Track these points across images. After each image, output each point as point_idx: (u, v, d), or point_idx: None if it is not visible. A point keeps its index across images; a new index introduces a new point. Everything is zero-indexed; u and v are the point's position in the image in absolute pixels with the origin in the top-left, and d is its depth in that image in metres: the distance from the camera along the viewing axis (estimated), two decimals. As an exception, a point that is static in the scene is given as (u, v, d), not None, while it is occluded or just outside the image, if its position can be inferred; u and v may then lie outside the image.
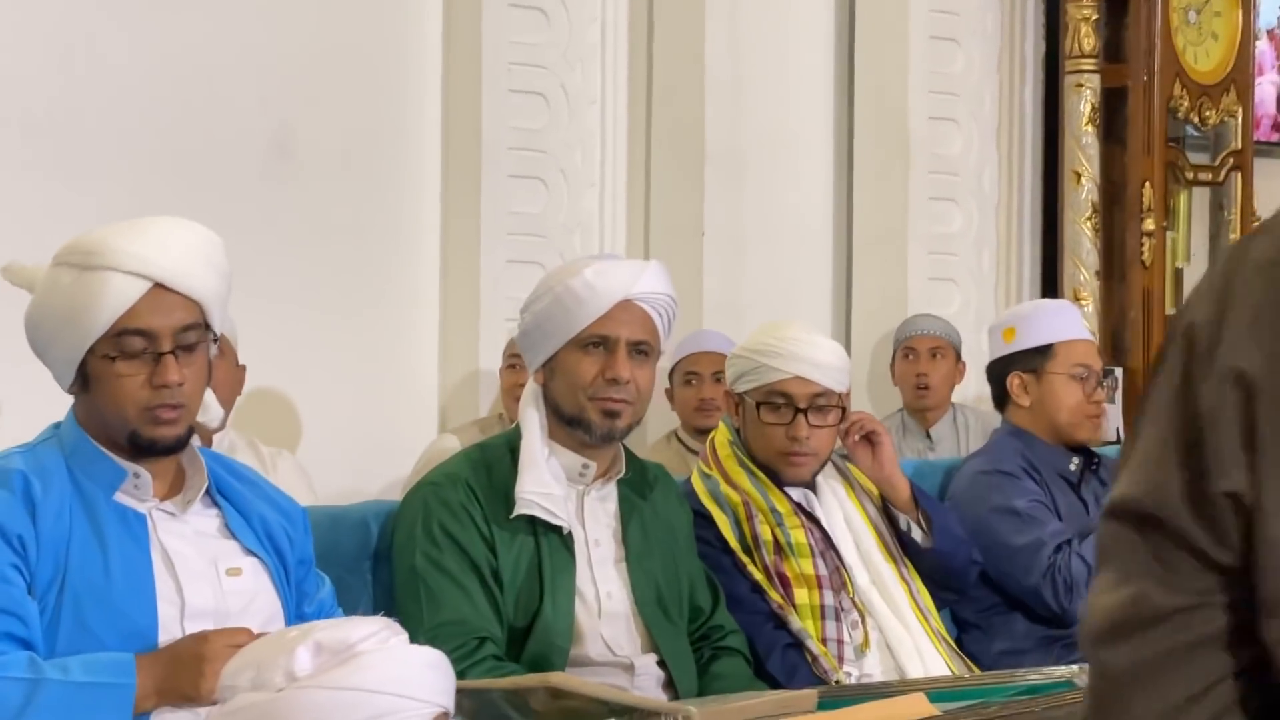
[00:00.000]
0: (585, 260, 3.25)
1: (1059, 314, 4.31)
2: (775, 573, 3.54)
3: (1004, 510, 4.01)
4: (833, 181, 6.20)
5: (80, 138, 4.92)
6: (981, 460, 4.15)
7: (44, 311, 2.64)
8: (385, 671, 2.02)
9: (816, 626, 3.51)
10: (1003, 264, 6.35)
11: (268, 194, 5.19)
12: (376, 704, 2.00)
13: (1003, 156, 6.35)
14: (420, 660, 2.08)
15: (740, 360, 3.73)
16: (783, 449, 3.63)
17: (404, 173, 5.49)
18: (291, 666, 2.02)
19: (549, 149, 5.62)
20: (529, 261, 5.54)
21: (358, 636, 2.04)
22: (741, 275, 5.93)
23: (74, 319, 2.60)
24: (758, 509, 3.60)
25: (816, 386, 3.63)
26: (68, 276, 2.60)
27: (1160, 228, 6.20)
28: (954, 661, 3.65)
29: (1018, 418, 4.20)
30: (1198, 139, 6.65)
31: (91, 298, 2.59)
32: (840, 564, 3.63)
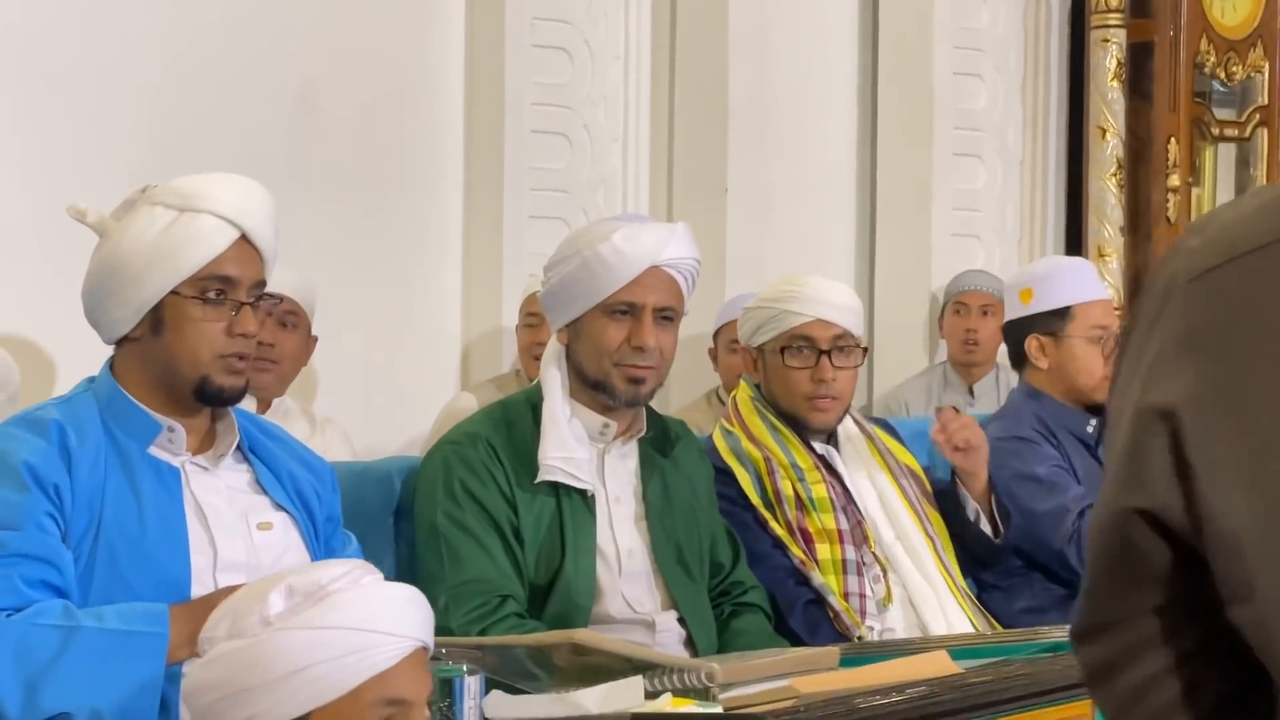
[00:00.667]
0: (613, 223, 3.22)
1: (1077, 274, 4.26)
2: (797, 528, 3.55)
3: (1025, 477, 4.00)
4: (856, 137, 6.19)
5: (104, 94, 4.92)
6: (999, 426, 4.13)
7: (131, 249, 2.61)
8: (358, 609, 2.03)
9: (839, 581, 3.52)
10: (1027, 220, 6.34)
11: (291, 150, 5.19)
12: (350, 641, 2.01)
13: (1028, 112, 6.33)
14: (395, 596, 2.08)
15: (757, 312, 3.73)
16: (808, 393, 3.63)
17: (427, 129, 5.48)
18: (266, 611, 2.04)
19: (572, 104, 5.62)
20: (552, 217, 5.54)
21: (329, 577, 2.05)
22: (765, 231, 5.92)
23: (166, 257, 2.60)
24: (779, 464, 3.60)
25: (837, 328, 3.64)
26: (165, 217, 2.61)
27: (1185, 184, 6.18)
28: (977, 618, 3.66)
29: (1035, 379, 4.18)
30: (1224, 94, 6.62)
31: (186, 239, 2.60)
32: (861, 518, 3.63)
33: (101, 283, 2.65)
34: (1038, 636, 2.93)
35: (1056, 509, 3.95)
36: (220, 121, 5.07)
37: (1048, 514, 3.95)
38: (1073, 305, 4.15)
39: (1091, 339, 4.13)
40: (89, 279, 2.67)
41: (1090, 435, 4.15)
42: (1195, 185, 6.34)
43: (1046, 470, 4.01)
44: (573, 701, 2.26)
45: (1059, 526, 3.94)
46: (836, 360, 3.63)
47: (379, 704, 2.02)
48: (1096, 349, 4.13)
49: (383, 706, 2.03)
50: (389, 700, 2.03)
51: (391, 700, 2.03)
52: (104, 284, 2.65)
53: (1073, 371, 4.13)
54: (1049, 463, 4.03)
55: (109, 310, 2.66)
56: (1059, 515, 3.94)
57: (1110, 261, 6.01)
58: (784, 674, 2.46)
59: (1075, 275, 4.24)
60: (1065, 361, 4.14)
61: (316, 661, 2.00)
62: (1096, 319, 4.15)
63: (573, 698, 2.27)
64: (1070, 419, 4.14)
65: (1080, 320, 4.14)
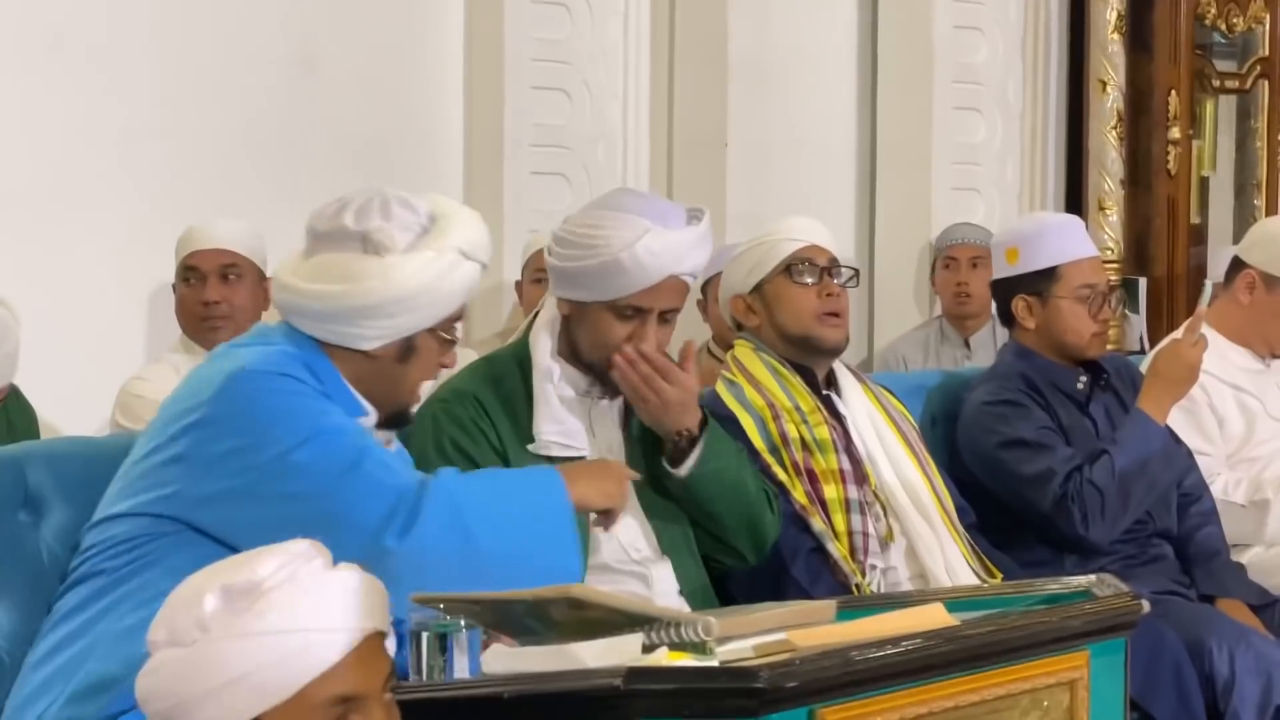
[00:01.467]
0: (639, 225, 3.17)
1: (1062, 232, 4.18)
2: (804, 469, 3.58)
3: (1012, 442, 4.00)
4: (856, 91, 6.18)
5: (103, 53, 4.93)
6: (986, 390, 4.12)
7: (416, 285, 2.75)
8: (295, 608, 1.96)
9: (844, 520, 3.56)
10: (1027, 174, 6.34)
11: (290, 108, 5.20)
12: (288, 643, 1.95)
13: (1027, 65, 6.32)
14: (336, 587, 2.00)
15: (748, 255, 3.79)
16: (817, 309, 3.71)
17: (426, 86, 5.49)
18: (201, 616, 1.97)
19: (572, 60, 5.62)
20: (553, 173, 5.56)
21: (264, 573, 1.98)
22: (765, 186, 5.92)
23: (441, 301, 2.79)
24: (783, 409, 3.64)
25: (829, 253, 3.76)
26: (450, 261, 2.77)
27: (1186, 136, 6.18)
28: (973, 558, 3.70)
29: (1024, 338, 4.17)
30: (1225, 46, 6.61)
31: (460, 286, 2.81)
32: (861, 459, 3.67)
33: (369, 301, 2.74)
34: (1033, 589, 2.94)
35: (1044, 472, 3.94)
36: (220, 81, 5.08)
37: (1034, 477, 3.95)
38: (1059, 265, 4.11)
39: (1079, 298, 4.10)
40: (353, 289, 2.74)
41: (1080, 392, 4.14)
42: (1196, 137, 6.34)
43: (1034, 433, 4.00)
44: (570, 654, 2.28)
45: (1045, 489, 3.94)
46: (837, 279, 3.74)
47: (328, 704, 1.97)
48: (1084, 308, 4.10)
49: (332, 706, 1.97)
50: (337, 698, 1.97)
51: (340, 698, 1.98)
52: (374, 303, 2.75)
53: (1060, 331, 4.11)
54: (1037, 425, 4.02)
55: (365, 325, 2.76)
56: (1045, 478, 3.94)
57: (1110, 214, 6.01)
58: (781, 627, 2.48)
59: (1061, 234, 4.17)
60: (1053, 321, 4.12)
61: (255, 668, 1.94)
62: (1084, 278, 4.11)
63: (570, 651, 2.28)
64: (1060, 376, 4.13)
65: (1067, 280, 4.10)
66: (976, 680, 2.47)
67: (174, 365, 4.47)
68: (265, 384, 2.70)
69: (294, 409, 2.70)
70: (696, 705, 2.23)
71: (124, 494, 2.77)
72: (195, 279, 4.51)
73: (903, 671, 2.39)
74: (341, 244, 2.76)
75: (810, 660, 2.30)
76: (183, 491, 2.69)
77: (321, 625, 1.96)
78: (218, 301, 4.47)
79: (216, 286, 4.49)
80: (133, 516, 2.73)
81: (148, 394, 4.37)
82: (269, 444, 2.67)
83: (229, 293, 4.50)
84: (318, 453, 2.67)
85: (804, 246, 3.73)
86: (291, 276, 2.81)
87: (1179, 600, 4.00)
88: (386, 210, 2.75)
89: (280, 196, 5.05)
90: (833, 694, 2.30)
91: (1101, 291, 4.14)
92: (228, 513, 2.67)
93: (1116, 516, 3.94)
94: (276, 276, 2.88)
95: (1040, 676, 2.56)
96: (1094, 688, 2.63)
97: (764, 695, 2.23)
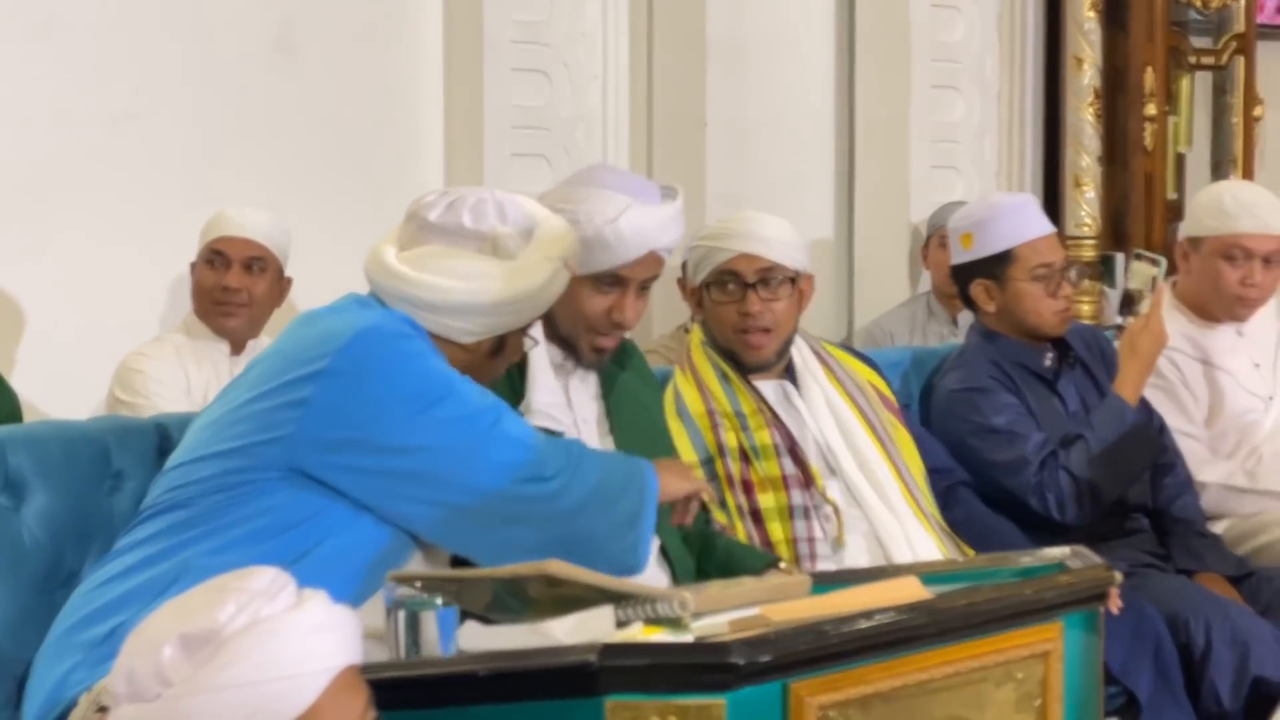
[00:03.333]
0: (620, 200, 3.19)
1: (1014, 214, 4.16)
2: (739, 480, 3.57)
3: (982, 429, 4.02)
4: (834, 70, 6.19)
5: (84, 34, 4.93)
6: (955, 377, 4.13)
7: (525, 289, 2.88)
8: (260, 655, 1.85)
9: (785, 528, 3.54)
10: (1005, 151, 6.35)
11: (270, 90, 5.20)
12: (257, 694, 1.84)
13: (1004, 43, 6.33)
14: (302, 626, 1.89)
15: (696, 251, 3.75)
16: (737, 326, 3.66)
17: (406, 67, 5.49)
18: (161, 669, 1.86)
19: (551, 42, 5.62)
20: (533, 155, 5.57)
21: (224, 619, 1.86)
22: (744, 166, 5.93)
23: (540, 305, 2.95)
24: (723, 415, 3.62)
25: (764, 261, 3.65)
26: (555, 269, 2.92)
27: (1162, 112, 6.19)
28: (945, 543, 3.69)
29: (987, 320, 4.19)
30: (1200, 22, 6.63)
31: (558, 290, 2.96)
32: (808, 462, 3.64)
33: (486, 300, 2.86)
34: (1008, 562, 2.96)
35: (1016, 460, 3.97)
36: (198, 66, 5.09)
37: (1006, 465, 3.98)
38: (1013, 247, 4.11)
39: (1036, 278, 4.11)
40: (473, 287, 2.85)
41: (1048, 369, 4.16)
42: (1172, 114, 6.35)
43: (1005, 420, 4.02)
44: (544, 631, 2.30)
45: (1019, 477, 3.97)
46: (763, 293, 3.65)
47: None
48: (1041, 287, 4.11)
49: None
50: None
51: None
52: (488, 303, 2.85)
53: (1021, 313, 4.13)
54: (1007, 411, 4.04)
55: (473, 321, 2.87)
56: (1019, 466, 3.97)
57: (1088, 191, 6.03)
58: (756, 602, 2.50)
59: (1013, 216, 4.15)
60: (1012, 304, 4.13)
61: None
62: (1039, 258, 4.11)
63: (544, 628, 2.30)
64: (1027, 355, 4.15)
65: (1022, 262, 4.11)
66: (950, 652, 2.49)
67: (175, 345, 4.52)
68: (399, 344, 2.77)
69: (429, 368, 2.78)
70: (671, 681, 2.24)
71: (218, 438, 2.78)
72: (220, 263, 4.57)
73: (876, 644, 2.40)
74: (457, 240, 2.86)
75: (784, 634, 2.32)
76: (300, 434, 2.71)
77: (291, 671, 1.86)
78: (239, 289, 4.54)
79: (240, 274, 4.56)
80: (227, 455, 2.75)
81: (148, 369, 4.42)
82: (406, 399, 2.72)
83: (251, 282, 4.57)
84: (455, 409, 2.75)
85: (732, 257, 3.65)
86: (396, 263, 2.88)
87: (1155, 573, 4.02)
88: (503, 213, 2.87)
89: (261, 180, 5.07)
90: (806, 668, 2.32)
91: (1059, 269, 4.14)
92: (350, 460, 2.71)
93: (1091, 502, 3.97)
94: (377, 260, 2.93)
95: (1014, 649, 2.58)
96: (1067, 659, 2.66)
97: (738, 670, 2.24)
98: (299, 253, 4.74)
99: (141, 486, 2.99)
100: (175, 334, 4.60)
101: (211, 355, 4.51)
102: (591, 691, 2.24)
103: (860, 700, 2.38)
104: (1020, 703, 2.58)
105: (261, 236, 4.59)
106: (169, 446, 3.02)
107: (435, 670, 2.35)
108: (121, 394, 4.40)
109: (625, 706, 2.24)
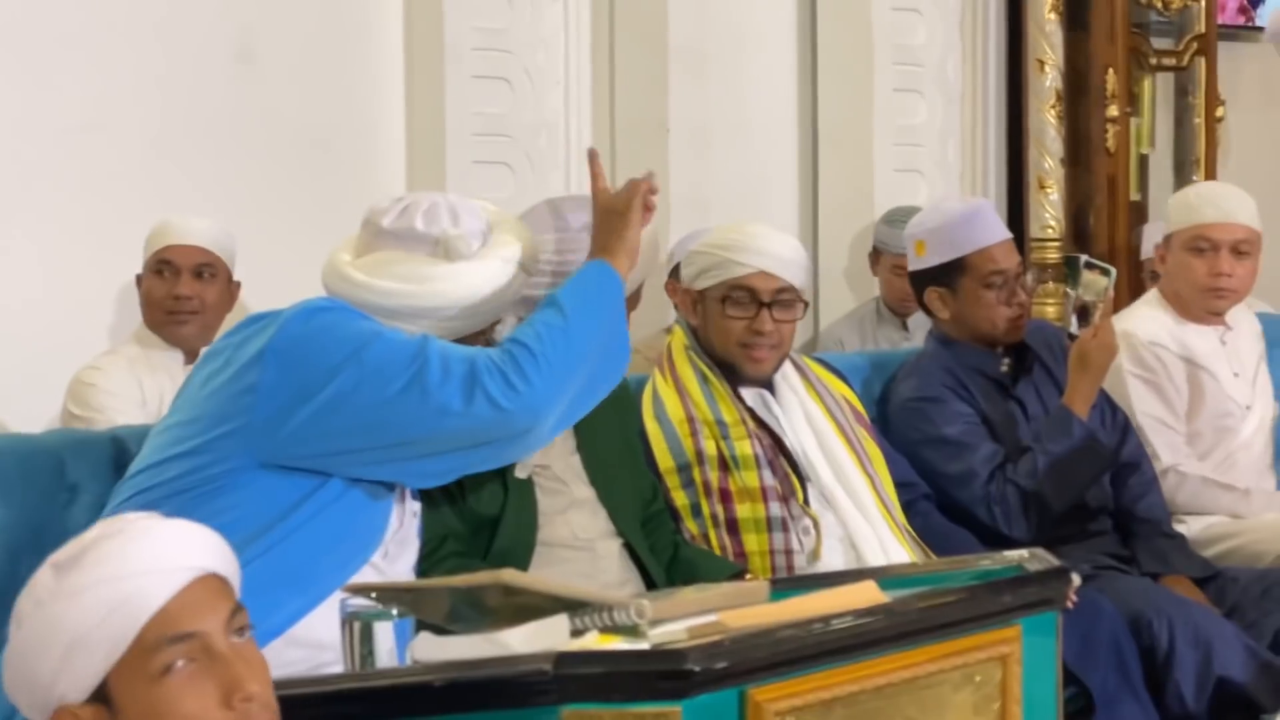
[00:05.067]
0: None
1: (967, 221, 4.16)
2: (716, 489, 3.57)
3: (935, 440, 4.02)
4: (796, 74, 6.19)
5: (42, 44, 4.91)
6: (910, 386, 4.13)
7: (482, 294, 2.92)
8: (116, 559, 1.94)
9: (762, 539, 3.54)
10: (968, 154, 6.35)
11: (230, 99, 5.18)
12: (113, 592, 1.92)
13: (966, 46, 6.33)
14: (162, 533, 1.99)
15: (702, 256, 3.75)
16: (743, 341, 3.66)
17: (366, 76, 5.47)
18: (36, 593, 1.95)
19: (512, 49, 5.61)
20: (495, 162, 5.55)
21: (89, 537, 1.97)
22: (707, 171, 5.93)
23: (499, 307, 2.98)
24: (703, 422, 3.62)
25: (780, 281, 3.68)
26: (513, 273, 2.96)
27: (1124, 114, 6.20)
28: (915, 552, 3.70)
29: (943, 327, 4.20)
30: (1162, 24, 6.64)
31: (515, 293, 2.99)
32: (791, 471, 3.65)
33: (437, 303, 2.89)
34: (967, 565, 2.96)
35: (965, 472, 3.98)
36: (157, 74, 5.06)
37: (956, 476, 3.98)
38: (965, 255, 4.12)
39: (988, 285, 4.12)
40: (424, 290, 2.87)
41: (1005, 375, 4.17)
42: (1134, 115, 6.36)
43: (957, 431, 4.02)
44: (498, 641, 2.29)
45: (967, 489, 3.97)
46: (777, 314, 3.68)
47: (164, 644, 1.92)
48: (994, 294, 4.12)
49: (169, 646, 1.93)
50: (173, 638, 1.93)
51: (176, 637, 1.93)
52: (440, 305, 2.88)
53: (975, 320, 4.13)
54: (959, 421, 4.04)
55: (426, 324, 2.87)
56: (968, 478, 3.97)
57: (1051, 193, 6.03)
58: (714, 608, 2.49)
59: (965, 223, 4.15)
60: (966, 310, 4.14)
61: (87, 627, 1.91)
62: (991, 264, 4.11)
63: (498, 638, 2.29)
64: (983, 361, 4.15)
65: (974, 269, 4.11)
66: (908, 657, 2.48)
67: (128, 357, 4.49)
68: (326, 314, 2.79)
69: (354, 325, 2.77)
70: (626, 689, 2.23)
71: (177, 440, 2.78)
72: (169, 272, 4.55)
73: (834, 650, 2.40)
74: (410, 245, 2.88)
75: (740, 641, 2.31)
76: (255, 419, 2.71)
77: (147, 568, 1.94)
78: (190, 297, 4.51)
79: (190, 282, 4.53)
80: (189, 455, 2.75)
81: (100, 383, 4.39)
82: (340, 345, 2.73)
83: (202, 289, 4.54)
84: (384, 348, 2.73)
85: (750, 274, 3.67)
86: (351, 269, 2.90)
87: (1118, 574, 4.03)
88: (455, 217, 2.89)
89: (220, 189, 5.05)
90: (763, 674, 2.31)
91: (1012, 275, 4.14)
92: (304, 421, 2.70)
93: (1039, 516, 3.96)
94: (332, 267, 2.95)
95: (972, 651, 2.58)
96: (1026, 662, 2.65)
97: (694, 677, 2.24)
98: (260, 261, 4.72)
99: (97, 499, 2.98)
100: (128, 345, 4.57)
101: (166, 365, 4.49)
102: (547, 701, 2.24)
103: (818, 706, 2.37)
104: (979, 706, 2.57)
105: (208, 242, 4.57)
106: (125, 459, 3.01)
107: (390, 681, 2.34)
108: (75, 408, 4.38)
109: (581, 715, 2.23)
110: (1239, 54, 7.03)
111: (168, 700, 1.93)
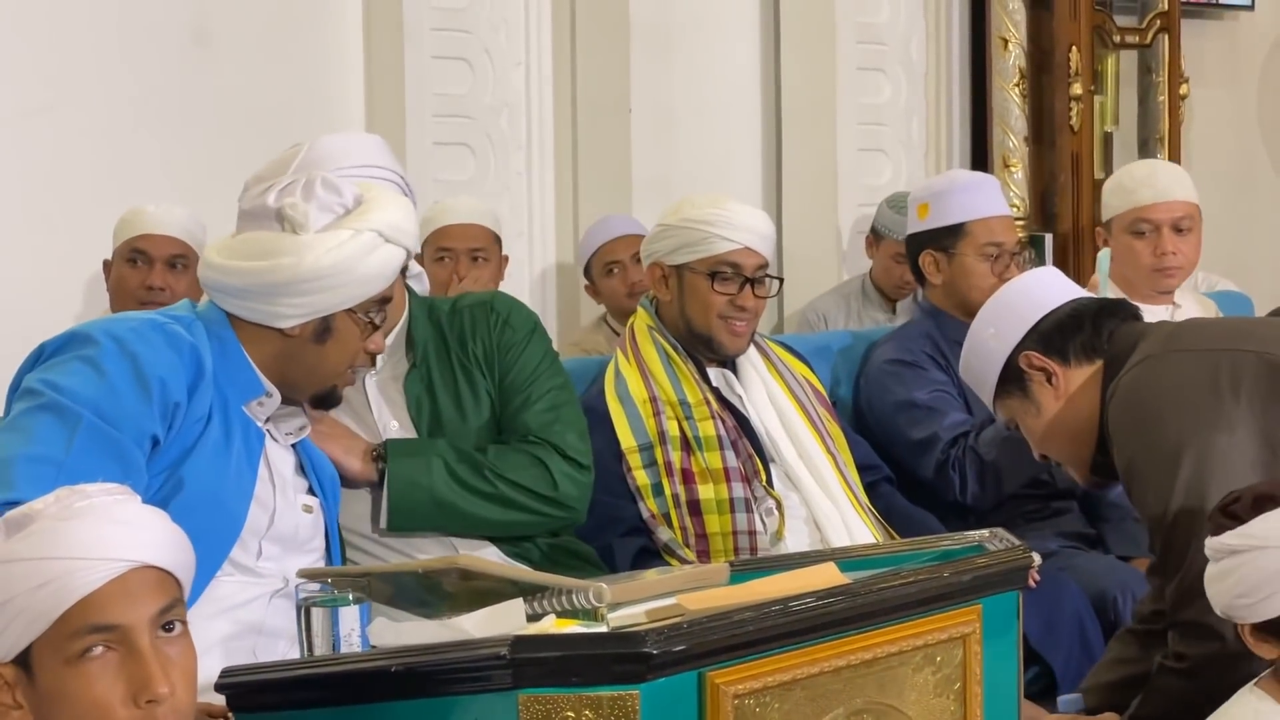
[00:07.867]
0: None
1: (973, 190, 4.22)
2: (679, 469, 3.55)
3: (904, 404, 4.02)
4: (759, 53, 6.17)
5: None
6: (888, 348, 4.14)
7: (330, 263, 2.76)
8: (58, 537, 1.97)
9: (724, 521, 3.53)
10: (932, 133, 6.34)
11: (185, 83, 5.14)
12: (49, 569, 1.94)
13: (930, 24, 6.32)
14: (107, 517, 2.00)
15: (680, 231, 3.72)
16: (725, 315, 3.68)
17: (325, 58, 5.44)
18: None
19: (472, 29, 5.58)
20: (456, 143, 5.54)
21: (41, 505, 2.00)
22: (670, 151, 5.91)
23: (361, 281, 2.79)
24: (666, 403, 3.62)
25: (761, 258, 3.72)
26: (368, 243, 2.78)
27: (1088, 92, 6.20)
28: (878, 530, 3.70)
29: (933, 295, 4.20)
30: (1125, 2, 6.64)
31: (381, 268, 2.81)
32: (754, 452, 3.64)
33: (283, 278, 2.76)
34: (927, 545, 2.95)
35: (928, 438, 3.97)
36: (112, 56, 5.03)
37: (919, 442, 3.97)
38: (966, 221, 4.14)
39: (984, 255, 4.13)
40: (268, 265, 2.77)
41: None
42: (1098, 93, 6.36)
43: (927, 395, 4.02)
44: (454, 626, 2.27)
45: (927, 455, 3.95)
46: (758, 291, 3.70)
47: (85, 630, 1.95)
48: (988, 266, 4.13)
49: (88, 633, 1.96)
50: (94, 626, 1.96)
51: (97, 626, 1.96)
52: (286, 280, 2.76)
53: (965, 288, 4.13)
54: (931, 388, 4.03)
55: (280, 303, 2.78)
56: (929, 444, 3.96)
57: (1015, 171, 6.03)
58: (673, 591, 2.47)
59: (971, 191, 4.21)
60: (957, 278, 4.14)
61: (15, 594, 1.94)
62: (990, 235, 4.14)
63: (454, 623, 2.27)
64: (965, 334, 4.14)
65: (973, 237, 4.13)
66: (868, 638, 2.46)
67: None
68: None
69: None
70: (584, 673, 2.21)
71: None
72: (143, 261, 4.54)
73: (793, 632, 2.37)
74: (262, 221, 2.80)
75: (698, 623, 2.29)
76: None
77: (81, 553, 1.96)
78: (163, 288, 4.51)
79: (163, 273, 4.54)
80: None
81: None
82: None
83: (173, 280, 4.54)
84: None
85: (736, 250, 3.69)
86: (215, 254, 2.86)
87: (1081, 552, 4.02)
88: (309, 190, 2.78)
89: (176, 172, 5.01)
90: (722, 656, 2.29)
91: (1009, 250, 4.16)
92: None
93: (995, 485, 3.95)
94: (204, 254, 2.92)
95: (932, 632, 2.55)
96: (986, 642, 2.64)
97: (651, 660, 2.21)
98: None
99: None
100: None
101: None
102: (504, 685, 2.21)
103: (778, 688, 2.35)
104: (939, 686, 2.56)
105: (182, 233, 4.56)
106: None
107: (346, 667, 2.31)
108: None
109: (538, 700, 2.20)
110: (1202, 31, 7.03)
111: (77, 685, 1.96)
